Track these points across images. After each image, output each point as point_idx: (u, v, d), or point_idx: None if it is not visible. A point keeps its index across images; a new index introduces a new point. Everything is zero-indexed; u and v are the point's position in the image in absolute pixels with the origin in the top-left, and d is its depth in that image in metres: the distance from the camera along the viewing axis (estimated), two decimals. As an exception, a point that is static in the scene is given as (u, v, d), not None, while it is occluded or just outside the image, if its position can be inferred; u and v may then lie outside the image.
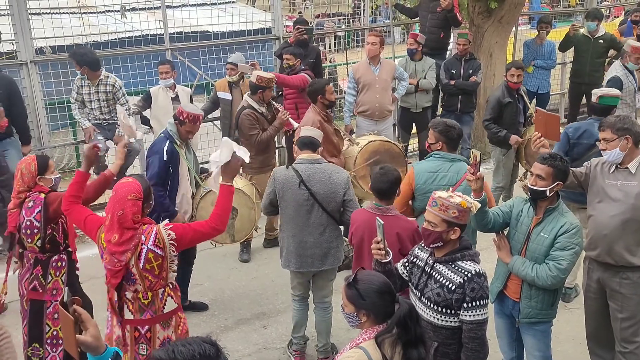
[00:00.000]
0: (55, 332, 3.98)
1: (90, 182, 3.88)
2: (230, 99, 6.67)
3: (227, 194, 3.50)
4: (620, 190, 3.84)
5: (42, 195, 3.92)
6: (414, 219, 4.23)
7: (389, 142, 5.91)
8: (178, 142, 4.77)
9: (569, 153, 4.87)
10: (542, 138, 4.00)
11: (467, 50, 7.39)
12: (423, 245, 3.26)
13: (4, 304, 4.37)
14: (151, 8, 8.25)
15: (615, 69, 6.77)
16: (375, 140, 5.75)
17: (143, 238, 3.32)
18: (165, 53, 7.04)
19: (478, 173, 3.57)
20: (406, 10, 8.52)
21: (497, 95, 6.33)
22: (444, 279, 3.05)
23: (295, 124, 5.75)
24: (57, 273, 4.00)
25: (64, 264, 4.03)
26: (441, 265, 3.10)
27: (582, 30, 8.44)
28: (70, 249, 4.08)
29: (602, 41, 8.25)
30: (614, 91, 5.11)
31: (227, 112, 6.71)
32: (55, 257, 3.99)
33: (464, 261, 3.06)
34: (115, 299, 3.39)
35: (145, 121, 6.78)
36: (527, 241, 3.71)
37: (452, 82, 7.37)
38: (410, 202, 4.38)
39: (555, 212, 3.65)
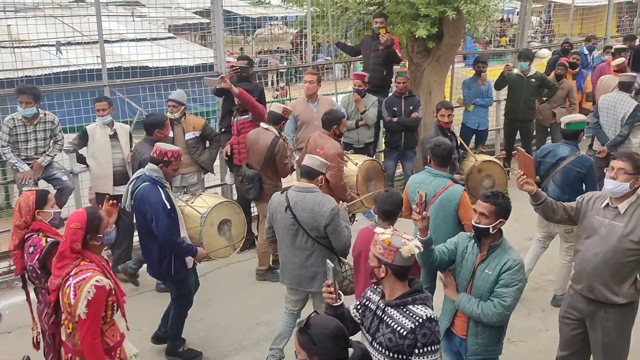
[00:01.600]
0: None
1: None
2: (172, 136, 6.53)
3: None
4: (607, 229, 3.85)
5: (43, 242, 3.86)
6: None
7: (374, 159, 6.69)
8: (167, 185, 4.76)
9: (537, 171, 5.36)
10: (525, 176, 4.02)
11: (407, 87, 7.58)
12: (375, 287, 3.22)
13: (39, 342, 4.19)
14: (88, 43, 8.04)
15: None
16: (367, 160, 6.39)
17: (73, 272, 3.34)
18: (103, 89, 6.85)
19: (424, 212, 3.58)
20: (347, 49, 8.67)
21: (431, 136, 6.46)
22: (395, 324, 2.98)
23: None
24: None
25: None
26: (392, 309, 3.03)
27: (515, 70, 8.81)
28: None
29: (534, 80, 8.63)
30: (580, 117, 5.87)
31: (169, 149, 6.56)
32: None
33: (415, 305, 2.99)
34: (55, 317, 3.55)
35: (81, 159, 6.54)
36: (472, 278, 3.74)
37: (395, 119, 7.51)
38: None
39: (499, 248, 3.71)
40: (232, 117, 6.72)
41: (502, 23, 20.84)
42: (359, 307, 3.25)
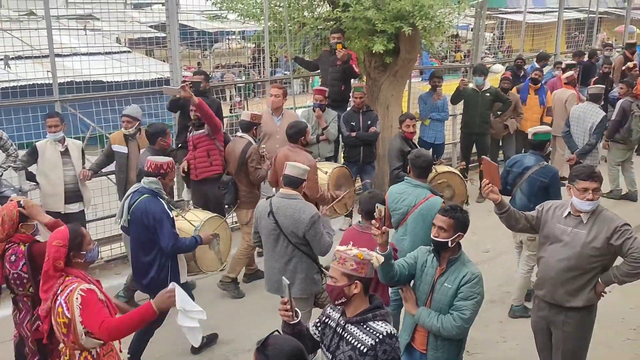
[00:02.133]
0: None
1: None
2: (127, 152, 6.40)
3: (146, 316, 3.39)
4: (570, 237, 4.00)
5: (23, 247, 3.96)
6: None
7: (342, 166, 6.86)
8: (166, 197, 4.87)
9: (505, 180, 5.78)
10: (491, 185, 4.13)
11: (364, 102, 7.63)
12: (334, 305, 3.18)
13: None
14: (39, 57, 7.82)
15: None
16: (336, 167, 6.59)
17: (60, 289, 3.32)
18: (54, 104, 6.65)
19: (383, 228, 3.58)
20: (305, 64, 8.68)
21: (398, 145, 6.60)
22: (355, 341, 2.96)
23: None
24: None
25: None
26: (352, 326, 3.01)
27: (470, 85, 8.97)
28: None
29: (488, 94, 8.81)
30: (546, 128, 6.24)
31: (123, 165, 6.43)
32: None
33: (376, 321, 2.98)
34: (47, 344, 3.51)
35: (30, 177, 6.32)
36: (432, 292, 3.75)
37: (353, 134, 7.54)
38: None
39: (458, 262, 3.73)
40: (188, 132, 6.62)
41: (457, 39, 21.29)
42: (318, 324, 3.22)
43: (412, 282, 3.91)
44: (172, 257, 4.82)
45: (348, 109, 7.76)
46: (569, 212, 4.04)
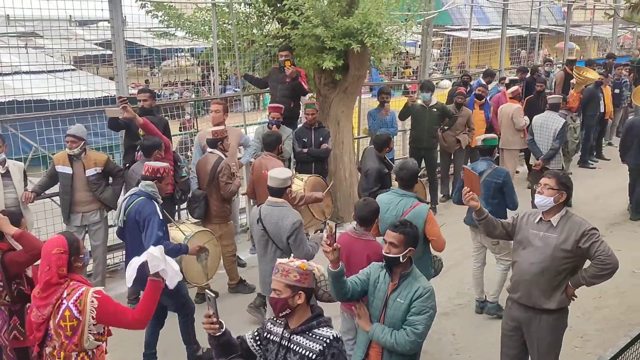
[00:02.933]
0: None
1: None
2: (71, 173, 6.22)
3: (155, 289, 3.61)
4: (542, 241, 4.18)
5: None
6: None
7: (317, 175, 7.05)
8: (160, 201, 5.06)
9: (460, 188, 5.65)
10: (471, 192, 4.30)
11: (315, 118, 7.65)
12: (275, 319, 3.19)
13: None
14: (-23, 76, 7.55)
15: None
16: (311, 176, 6.81)
17: (65, 293, 3.42)
18: (-6, 125, 6.42)
19: (334, 244, 3.57)
20: (255, 81, 8.66)
21: (377, 166, 6.72)
22: (303, 350, 3.00)
23: None
24: None
25: None
26: (298, 336, 3.05)
27: (419, 101, 9.14)
28: None
29: (435, 110, 9.01)
30: (492, 135, 6.78)
31: (68, 187, 6.25)
32: (28, 304, 3.99)
33: (320, 328, 3.05)
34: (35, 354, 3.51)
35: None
36: (385, 307, 3.76)
37: (305, 150, 7.54)
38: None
39: (410, 277, 3.75)
40: (136, 151, 6.48)
41: (406, 55, 21.70)
42: (256, 337, 3.22)
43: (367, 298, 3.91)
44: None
45: (299, 125, 7.76)
46: (541, 218, 4.25)
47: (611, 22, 16.31)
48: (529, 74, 11.84)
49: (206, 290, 3.13)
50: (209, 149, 6.39)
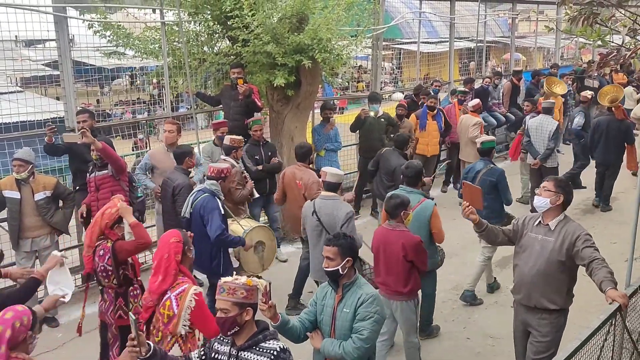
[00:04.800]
0: None
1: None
2: (19, 197, 6.07)
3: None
4: (540, 244, 4.35)
5: (109, 244, 4.63)
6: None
7: (263, 225, 6.60)
8: (222, 198, 5.71)
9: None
10: (470, 207, 4.48)
11: (262, 134, 7.70)
12: (221, 337, 3.20)
13: (82, 328, 5.00)
14: None
15: None
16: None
17: (171, 286, 3.88)
18: (-64, 150, 6.21)
19: (270, 302, 3.53)
20: (207, 99, 8.63)
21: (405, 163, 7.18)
22: None
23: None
24: (135, 300, 4.79)
25: (138, 292, 4.83)
26: (246, 352, 3.08)
27: (371, 113, 9.30)
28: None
29: (383, 120, 9.38)
30: (490, 137, 7.43)
31: (16, 212, 6.09)
32: (131, 288, 4.79)
33: (267, 341, 3.09)
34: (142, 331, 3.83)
35: None
36: (334, 320, 3.80)
37: (260, 167, 7.55)
38: None
39: (354, 286, 3.81)
40: (89, 173, 6.36)
41: (359, 69, 21.97)
42: (203, 357, 3.24)
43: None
44: (224, 250, 5.65)
45: (247, 143, 7.73)
46: (539, 222, 4.43)
47: (554, 33, 16.90)
48: (477, 84, 12.13)
49: (130, 314, 3.13)
50: (222, 156, 6.87)
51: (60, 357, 5.88)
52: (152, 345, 3.09)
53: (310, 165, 6.92)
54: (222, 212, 5.56)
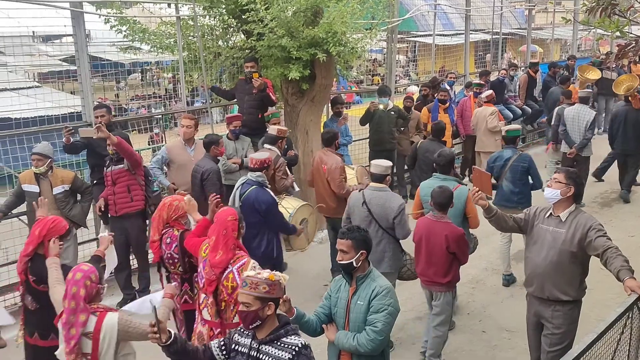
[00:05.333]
0: None
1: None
2: (38, 191, 6.15)
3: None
4: (551, 235, 4.35)
5: (176, 232, 4.87)
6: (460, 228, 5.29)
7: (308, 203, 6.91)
8: (269, 186, 5.88)
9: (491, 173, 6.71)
10: (480, 192, 4.48)
11: None
12: (242, 330, 3.21)
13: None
14: (-61, 95, 7.42)
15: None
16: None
17: (232, 260, 4.22)
18: (-43, 145, 6.32)
19: (284, 296, 3.37)
20: (222, 93, 8.66)
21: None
22: (272, 359, 3.04)
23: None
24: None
25: None
26: (267, 346, 3.09)
27: (380, 106, 9.29)
28: None
29: (393, 112, 9.34)
30: (516, 126, 7.73)
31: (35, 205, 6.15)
32: (195, 274, 4.76)
33: (289, 337, 3.09)
34: (210, 302, 4.29)
35: None
36: (348, 313, 3.80)
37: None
38: (422, 208, 5.80)
39: (367, 278, 3.80)
40: (106, 167, 6.44)
41: (373, 62, 21.91)
42: (223, 347, 3.25)
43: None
44: (276, 234, 5.84)
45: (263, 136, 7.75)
46: (550, 213, 4.42)
47: (572, 25, 16.72)
48: (494, 77, 12.05)
49: (150, 300, 3.17)
50: (267, 146, 6.84)
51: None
52: (172, 332, 3.12)
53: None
54: (276, 202, 5.83)
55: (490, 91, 10.33)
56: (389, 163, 5.64)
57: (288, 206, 6.30)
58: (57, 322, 3.71)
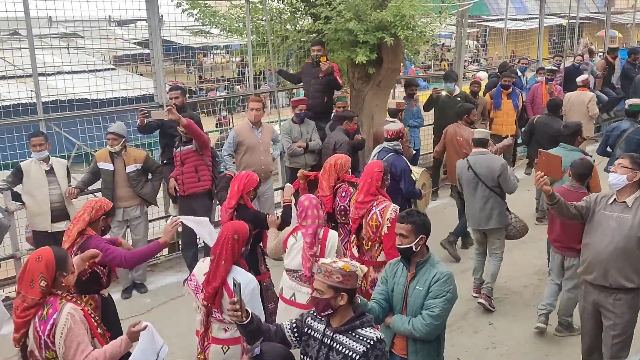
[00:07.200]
0: None
1: None
2: (112, 169, 6.40)
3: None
4: (616, 221, 4.26)
5: (351, 188, 5.43)
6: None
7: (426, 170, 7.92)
8: (403, 154, 6.45)
9: (606, 141, 7.48)
10: (545, 177, 4.34)
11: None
12: (315, 314, 3.20)
13: None
14: (22, 76, 7.81)
15: None
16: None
17: (375, 203, 4.85)
18: (39, 124, 6.64)
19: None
20: (289, 77, 8.72)
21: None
22: (346, 349, 2.99)
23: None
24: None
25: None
26: (341, 335, 3.04)
27: (443, 92, 9.11)
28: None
29: (459, 99, 9.06)
30: (637, 100, 7.78)
31: (109, 183, 6.43)
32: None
33: (364, 328, 3.03)
34: (353, 239, 5.01)
35: (15, 197, 6.29)
36: (406, 297, 3.76)
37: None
38: None
39: (427, 264, 3.74)
40: (175, 148, 6.62)
41: (442, 47, 21.48)
42: (294, 329, 3.24)
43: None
44: (407, 201, 6.29)
45: (330, 121, 7.77)
46: (614, 199, 4.32)
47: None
48: (549, 66, 11.57)
49: (234, 278, 3.19)
50: (389, 118, 7.56)
51: (149, 319, 6.18)
52: (251, 313, 3.11)
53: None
54: (410, 169, 6.34)
55: (586, 75, 10.19)
56: (488, 132, 6.37)
57: (414, 170, 6.91)
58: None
